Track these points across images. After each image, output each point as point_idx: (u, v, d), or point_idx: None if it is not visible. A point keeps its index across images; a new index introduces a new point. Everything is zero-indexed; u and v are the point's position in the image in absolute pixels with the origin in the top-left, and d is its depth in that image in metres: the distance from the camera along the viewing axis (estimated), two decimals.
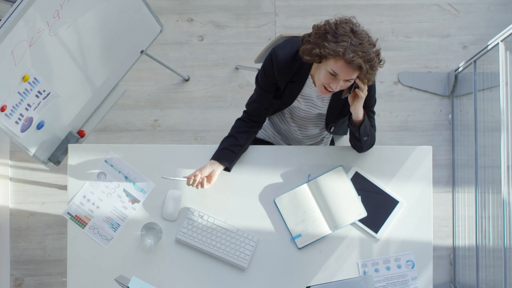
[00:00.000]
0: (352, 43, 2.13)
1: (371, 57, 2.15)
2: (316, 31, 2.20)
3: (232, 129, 2.51)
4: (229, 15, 3.52)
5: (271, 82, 2.39)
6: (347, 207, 2.50)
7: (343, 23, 2.17)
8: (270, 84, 2.40)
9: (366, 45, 2.14)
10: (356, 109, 2.32)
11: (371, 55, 2.15)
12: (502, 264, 2.76)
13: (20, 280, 3.34)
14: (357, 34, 2.15)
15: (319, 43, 2.17)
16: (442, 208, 3.41)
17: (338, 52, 2.13)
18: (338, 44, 2.13)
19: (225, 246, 2.49)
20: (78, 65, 2.55)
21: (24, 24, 2.17)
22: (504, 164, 2.74)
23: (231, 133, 2.50)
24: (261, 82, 2.41)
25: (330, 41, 2.15)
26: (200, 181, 2.42)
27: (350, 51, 2.12)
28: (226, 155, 2.47)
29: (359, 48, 2.13)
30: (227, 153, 2.47)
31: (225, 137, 2.50)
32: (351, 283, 2.10)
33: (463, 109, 3.39)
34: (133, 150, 2.57)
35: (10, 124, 2.37)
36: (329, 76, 2.20)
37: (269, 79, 2.38)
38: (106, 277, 2.48)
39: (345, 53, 2.13)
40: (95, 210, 2.53)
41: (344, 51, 2.13)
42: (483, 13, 3.53)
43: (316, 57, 2.19)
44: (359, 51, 2.13)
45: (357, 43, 2.13)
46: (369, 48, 2.15)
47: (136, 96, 3.46)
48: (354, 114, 2.34)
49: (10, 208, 3.36)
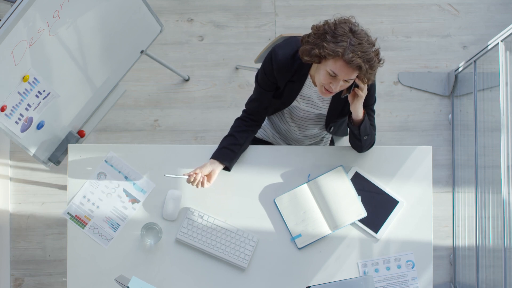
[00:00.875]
0: (351, 43, 2.13)
1: (371, 57, 2.15)
2: (315, 32, 2.20)
3: (232, 128, 2.51)
4: (229, 15, 3.52)
5: (270, 81, 2.39)
6: (347, 207, 2.50)
7: (342, 23, 2.16)
8: (270, 83, 2.40)
9: (365, 44, 2.14)
10: (356, 108, 2.32)
11: (371, 54, 2.15)
12: (502, 264, 2.76)
13: (20, 280, 3.34)
14: (356, 34, 2.14)
15: (318, 44, 2.17)
16: (442, 208, 3.41)
17: (337, 53, 2.13)
18: (337, 44, 2.13)
19: (225, 246, 2.49)
20: (78, 65, 2.55)
21: (24, 24, 2.17)
22: (504, 164, 2.74)
23: (230, 132, 2.50)
24: (261, 81, 2.41)
25: (329, 41, 2.14)
26: (200, 180, 2.42)
27: (349, 51, 2.12)
28: (225, 155, 2.47)
29: (358, 48, 2.13)
30: (227, 152, 2.47)
31: (224, 136, 2.50)
32: (351, 283, 2.10)
33: (463, 109, 3.39)
34: (133, 150, 2.57)
35: (10, 124, 2.37)
36: (329, 76, 2.19)
37: (269, 78, 2.38)
38: (106, 277, 2.48)
39: (344, 53, 2.12)
40: (95, 210, 2.53)
41: (344, 51, 2.12)
42: (483, 13, 3.53)
43: (316, 58, 2.19)
44: (358, 51, 2.13)
45: (356, 43, 2.13)
46: (368, 47, 2.15)
47: (136, 96, 3.46)
48: (354, 113, 2.34)
49: (10, 208, 3.36)
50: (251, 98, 2.50)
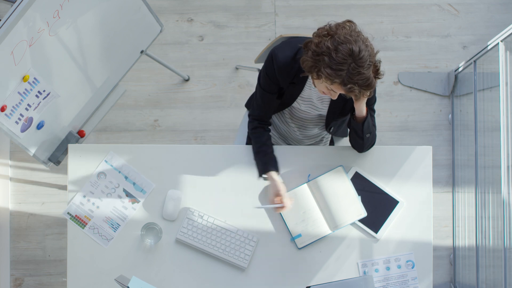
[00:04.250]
0: (350, 71, 2.05)
1: (369, 82, 2.09)
2: (315, 49, 2.11)
3: (256, 141, 2.49)
4: (229, 15, 3.52)
5: (274, 84, 2.38)
6: (347, 207, 2.50)
7: (342, 44, 2.06)
8: (274, 85, 2.39)
9: (364, 70, 2.06)
10: (360, 106, 2.31)
11: (370, 79, 2.09)
12: (502, 264, 2.76)
13: (20, 280, 3.34)
14: (356, 58, 2.05)
15: (316, 65, 2.11)
16: (442, 208, 3.41)
17: (335, 82, 2.09)
18: (335, 72, 2.06)
19: (225, 246, 2.49)
20: (78, 65, 2.55)
21: (24, 24, 2.17)
22: (504, 164, 2.74)
23: (258, 146, 2.49)
24: (265, 85, 2.40)
25: (327, 66, 2.07)
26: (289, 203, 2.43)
27: (347, 81, 2.06)
28: (274, 162, 2.47)
29: (357, 77, 2.06)
30: (270, 161, 2.47)
31: (255, 152, 2.49)
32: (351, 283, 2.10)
33: (463, 109, 3.39)
34: (133, 150, 2.57)
35: (10, 124, 2.37)
36: (328, 90, 2.18)
37: (272, 81, 2.37)
38: (106, 277, 2.48)
39: (342, 83, 2.08)
40: (95, 210, 2.53)
41: (341, 81, 2.07)
42: (483, 13, 3.53)
43: (314, 76, 2.16)
44: (357, 80, 2.06)
45: (355, 70, 2.05)
46: (367, 72, 2.08)
47: (136, 96, 3.46)
48: (357, 110, 2.34)
49: (10, 208, 3.36)
50: (256, 104, 2.47)
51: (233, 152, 2.57)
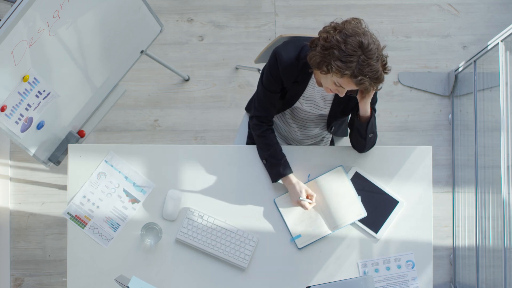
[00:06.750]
0: (359, 63, 2.07)
1: (378, 75, 2.11)
2: (323, 44, 2.13)
3: (266, 144, 2.49)
4: (229, 15, 3.52)
5: (278, 84, 2.38)
6: (347, 207, 2.50)
7: (351, 36, 2.09)
8: (278, 85, 2.39)
9: (374, 61, 2.09)
10: (365, 105, 2.31)
11: (379, 71, 2.11)
12: (502, 264, 2.76)
13: (20, 280, 3.34)
14: (365, 50, 2.08)
15: (325, 59, 2.12)
16: (442, 208, 3.41)
17: (345, 74, 2.10)
18: (345, 64, 2.08)
19: (225, 246, 2.49)
20: (78, 65, 2.55)
21: (24, 24, 2.17)
22: (504, 164, 2.74)
23: (267, 149, 2.49)
24: (268, 85, 2.39)
25: (337, 58, 2.09)
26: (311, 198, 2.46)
27: (357, 73, 2.08)
28: (288, 165, 2.49)
29: (367, 69, 2.08)
30: (286, 163, 2.48)
31: (269, 156, 2.49)
32: (351, 283, 2.10)
33: (463, 109, 3.39)
34: (133, 150, 2.57)
35: (10, 124, 2.37)
36: (335, 86, 2.18)
37: (276, 81, 2.37)
38: (106, 277, 2.48)
39: (352, 75, 2.09)
40: (95, 210, 2.53)
41: (352, 73, 2.09)
42: (483, 13, 3.53)
43: (323, 71, 2.17)
44: (367, 72, 2.08)
45: (365, 62, 2.07)
46: (376, 64, 2.10)
47: (136, 96, 3.46)
48: (362, 110, 2.33)
49: (10, 208, 3.36)
50: (260, 105, 2.47)
51: (233, 152, 2.57)
